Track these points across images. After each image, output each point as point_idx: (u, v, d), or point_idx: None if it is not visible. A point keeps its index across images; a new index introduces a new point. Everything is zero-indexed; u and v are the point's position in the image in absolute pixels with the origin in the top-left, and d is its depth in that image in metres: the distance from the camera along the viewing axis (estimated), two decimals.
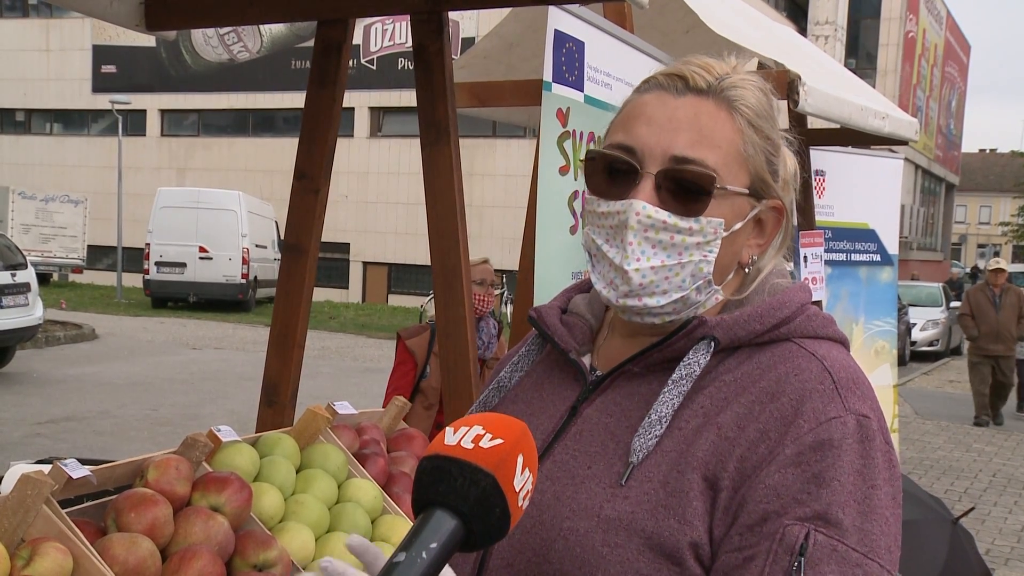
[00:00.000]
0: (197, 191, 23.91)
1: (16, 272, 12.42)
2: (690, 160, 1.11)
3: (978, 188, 73.83)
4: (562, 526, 1.08)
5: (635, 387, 1.15)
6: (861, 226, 6.17)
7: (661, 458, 1.07)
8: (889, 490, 1.04)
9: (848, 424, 1.04)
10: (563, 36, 2.74)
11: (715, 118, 1.13)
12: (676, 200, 1.11)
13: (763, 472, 1.03)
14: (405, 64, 26.82)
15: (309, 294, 2.91)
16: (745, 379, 1.10)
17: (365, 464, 2.39)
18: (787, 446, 1.03)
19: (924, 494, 4.01)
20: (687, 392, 1.10)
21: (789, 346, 1.12)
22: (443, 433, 0.92)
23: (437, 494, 0.89)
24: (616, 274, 1.14)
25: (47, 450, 8.21)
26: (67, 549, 1.65)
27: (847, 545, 0.99)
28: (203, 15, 3.10)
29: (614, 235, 1.14)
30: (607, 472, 1.10)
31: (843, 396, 1.06)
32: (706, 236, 1.12)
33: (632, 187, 1.12)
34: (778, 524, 1.00)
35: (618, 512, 1.06)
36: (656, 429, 1.08)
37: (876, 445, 1.04)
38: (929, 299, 21.94)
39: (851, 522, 1.00)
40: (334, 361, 15.46)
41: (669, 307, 1.14)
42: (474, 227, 25.54)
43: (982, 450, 10.69)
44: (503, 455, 0.89)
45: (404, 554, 0.86)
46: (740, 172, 1.14)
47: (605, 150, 1.16)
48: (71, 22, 31.31)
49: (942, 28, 38.40)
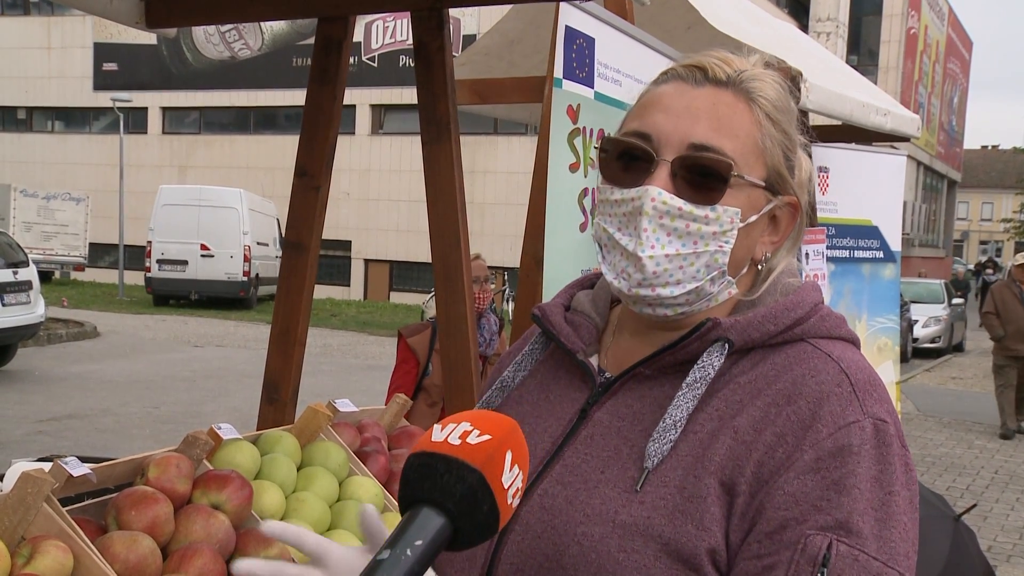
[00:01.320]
0: (199, 189, 23.92)
1: (18, 270, 12.43)
2: (708, 147, 1.09)
3: (980, 185, 73.80)
4: (576, 531, 1.06)
5: (647, 390, 1.13)
6: (864, 223, 6.16)
7: (677, 463, 1.05)
8: (907, 495, 1.03)
9: (866, 429, 1.02)
10: (574, 32, 2.74)
11: (734, 108, 1.12)
12: (692, 188, 1.10)
13: (782, 478, 1.01)
14: (406, 61, 26.82)
15: (310, 291, 2.90)
16: (760, 381, 1.08)
17: (366, 462, 2.38)
18: (806, 451, 1.01)
19: (926, 491, 4.01)
20: (701, 395, 1.08)
21: (804, 347, 1.10)
22: (431, 430, 0.91)
23: (423, 491, 0.87)
24: (629, 262, 1.12)
25: (49, 448, 8.21)
26: (68, 547, 1.64)
27: (868, 554, 0.97)
28: (203, 12, 3.10)
29: (628, 222, 1.12)
30: (621, 477, 1.07)
31: (861, 399, 1.05)
32: (722, 226, 1.10)
33: (647, 174, 1.11)
34: (799, 533, 0.98)
35: (634, 517, 1.04)
36: (671, 434, 1.06)
37: (894, 450, 1.03)
38: (931, 296, 21.93)
39: (871, 530, 0.98)
40: (336, 359, 15.47)
41: (682, 298, 1.12)
42: (476, 224, 25.55)
43: (984, 447, 10.68)
44: (491, 451, 0.88)
45: (389, 552, 0.84)
46: (757, 164, 1.12)
47: (620, 137, 1.14)
48: (73, 20, 31.31)
49: (944, 24, 38.35)
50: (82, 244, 27.01)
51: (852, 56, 30.70)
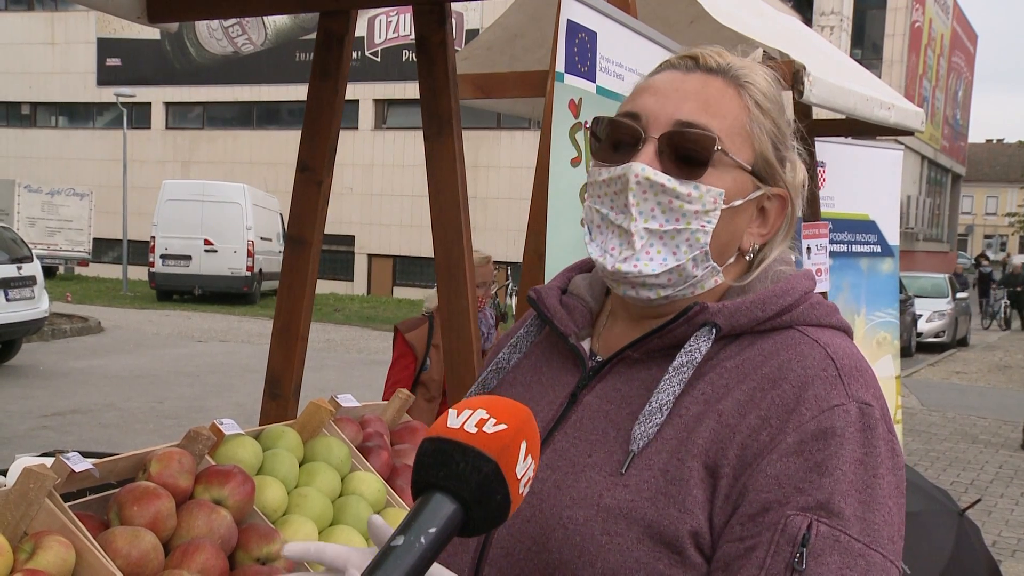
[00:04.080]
0: (202, 184, 23.94)
1: (22, 265, 12.46)
2: (693, 124, 1.11)
3: (985, 178, 73.64)
4: (561, 515, 1.07)
5: (635, 373, 1.14)
6: (862, 217, 6.15)
7: (661, 446, 1.06)
8: (892, 479, 1.03)
9: (851, 412, 1.03)
10: (576, 26, 2.73)
11: (723, 92, 1.14)
12: (677, 165, 1.11)
13: (764, 460, 1.01)
14: (409, 56, 26.80)
15: (312, 286, 2.90)
16: (747, 365, 1.08)
17: (368, 457, 2.38)
18: (789, 434, 1.02)
19: (930, 486, 4.00)
20: (688, 379, 1.09)
21: (792, 333, 1.11)
22: (446, 415, 0.90)
23: (438, 478, 0.87)
24: (617, 237, 1.13)
25: (53, 443, 8.23)
26: (70, 542, 1.64)
27: (849, 535, 0.97)
28: (205, 7, 3.09)
29: (616, 199, 1.14)
30: (607, 460, 1.08)
31: (846, 383, 1.05)
32: (705, 205, 1.11)
33: (635, 151, 1.13)
34: (780, 514, 0.99)
35: (618, 501, 1.05)
36: (657, 417, 1.07)
37: (879, 433, 1.03)
38: (935, 290, 21.90)
39: (853, 512, 0.98)
40: (339, 354, 15.48)
41: (663, 277, 1.13)
42: (479, 219, 25.53)
43: (988, 442, 10.67)
44: (507, 441, 0.88)
45: (402, 537, 0.84)
46: (744, 146, 1.14)
47: (610, 117, 1.17)
48: (76, 15, 31.33)
49: (948, 18, 38.23)
50: (86, 239, 27.06)
51: (856, 50, 30.61)
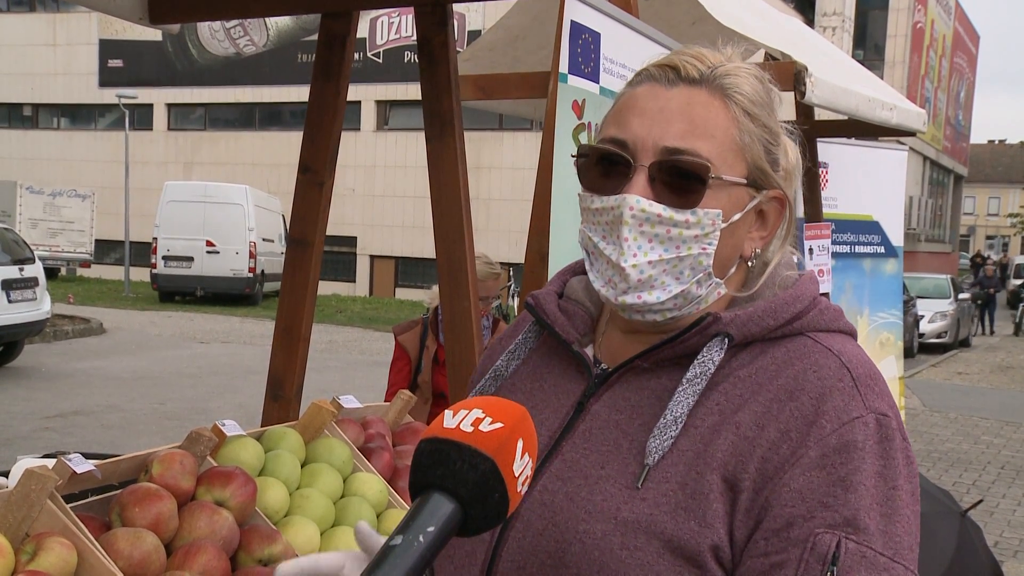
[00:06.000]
0: (204, 185, 23.95)
1: (24, 266, 12.47)
2: (682, 151, 1.08)
3: (987, 179, 73.58)
4: (578, 528, 1.05)
5: (644, 382, 1.13)
6: (865, 218, 6.15)
7: (678, 458, 1.05)
8: (908, 488, 1.03)
9: (870, 424, 1.03)
10: (579, 27, 2.73)
11: (708, 107, 1.10)
12: (671, 192, 1.09)
13: (787, 474, 1.01)
14: (411, 57, 26.81)
15: (314, 288, 2.90)
16: (761, 375, 1.08)
17: (370, 458, 2.38)
18: (810, 448, 1.01)
19: (932, 486, 4.00)
20: (702, 390, 1.08)
21: (804, 341, 1.10)
22: (442, 416, 0.91)
23: (435, 477, 0.87)
24: (614, 271, 1.11)
25: (55, 444, 8.23)
26: (71, 544, 1.64)
27: (875, 550, 0.98)
28: (206, 8, 3.09)
29: (610, 231, 1.11)
30: (622, 473, 1.07)
31: (863, 394, 1.05)
32: (704, 228, 1.09)
33: (626, 181, 1.10)
34: (807, 530, 0.98)
35: (636, 514, 1.03)
36: (672, 430, 1.05)
37: (896, 444, 1.04)
38: (937, 291, 21.89)
39: (876, 526, 0.99)
40: (341, 355, 15.48)
41: (670, 303, 1.11)
42: (481, 220, 25.51)
43: (990, 442, 10.65)
44: (503, 439, 0.88)
45: (401, 537, 0.85)
46: (737, 162, 1.11)
47: (597, 144, 1.13)
48: (78, 17, 31.34)
49: (951, 19, 38.20)
50: (88, 241, 27.07)
51: (858, 51, 30.58)
